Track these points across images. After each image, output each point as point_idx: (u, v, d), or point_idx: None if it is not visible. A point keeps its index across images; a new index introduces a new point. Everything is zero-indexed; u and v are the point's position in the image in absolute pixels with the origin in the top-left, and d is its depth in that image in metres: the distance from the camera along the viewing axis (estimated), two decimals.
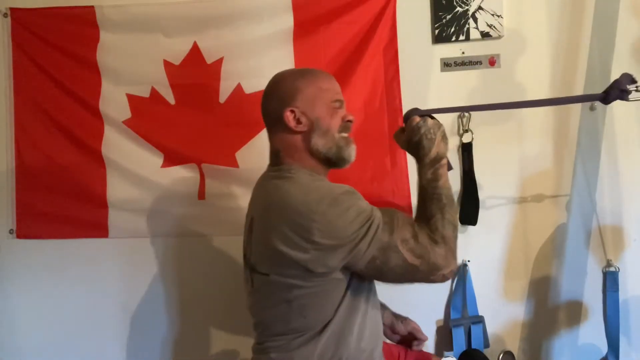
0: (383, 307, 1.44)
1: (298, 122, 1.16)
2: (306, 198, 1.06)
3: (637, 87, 1.02)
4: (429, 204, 1.10)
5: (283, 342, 1.13)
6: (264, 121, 1.24)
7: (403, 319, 1.44)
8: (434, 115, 1.19)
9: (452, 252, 1.07)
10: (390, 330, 1.43)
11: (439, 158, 1.13)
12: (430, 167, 1.12)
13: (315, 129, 1.16)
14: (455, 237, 1.09)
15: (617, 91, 1.03)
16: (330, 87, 1.20)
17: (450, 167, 1.17)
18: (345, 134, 1.20)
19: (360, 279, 1.13)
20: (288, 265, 1.07)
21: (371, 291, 1.19)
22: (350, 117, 1.22)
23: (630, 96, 1.03)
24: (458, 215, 1.11)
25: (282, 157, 1.19)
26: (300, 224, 1.04)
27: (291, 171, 1.15)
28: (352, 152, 1.20)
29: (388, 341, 1.46)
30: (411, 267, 1.05)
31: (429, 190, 1.11)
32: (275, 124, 1.19)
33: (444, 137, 1.16)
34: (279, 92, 1.20)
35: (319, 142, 1.16)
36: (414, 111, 1.19)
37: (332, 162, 1.19)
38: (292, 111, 1.16)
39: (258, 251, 1.15)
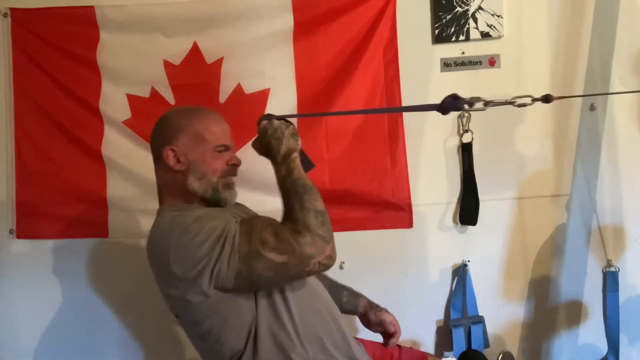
0: (359, 296, 1.43)
1: (178, 161, 1.18)
2: (161, 237, 1.11)
3: (471, 97, 1.03)
4: (287, 197, 1.10)
5: None
6: (152, 155, 1.26)
7: (377, 309, 1.41)
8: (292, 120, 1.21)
9: (320, 237, 1.04)
10: (364, 319, 1.42)
11: (288, 153, 1.14)
12: (282, 164, 1.14)
13: (192, 170, 1.18)
14: (323, 223, 1.06)
15: (450, 99, 1.05)
16: (216, 130, 1.21)
17: (309, 165, 1.19)
18: (228, 179, 1.22)
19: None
20: (177, 304, 1.11)
21: (291, 289, 1.15)
22: (236, 161, 1.24)
23: (467, 106, 1.04)
24: (320, 202, 1.09)
25: (163, 195, 1.23)
26: (161, 264, 1.08)
27: (160, 213, 1.19)
28: (228, 196, 1.22)
29: (374, 339, 1.45)
30: (280, 265, 1.03)
31: (285, 185, 1.12)
32: (157, 160, 1.22)
33: (294, 135, 1.17)
34: (164, 129, 1.22)
35: (195, 184, 1.18)
36: (265, 116, 1.20)
37: (209, 202, 1.20)
38: (173, 150, 1.18)
39: (162, 296, 1.18)
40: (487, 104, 1.04)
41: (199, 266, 1.04)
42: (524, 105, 1.08)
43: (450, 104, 1.06)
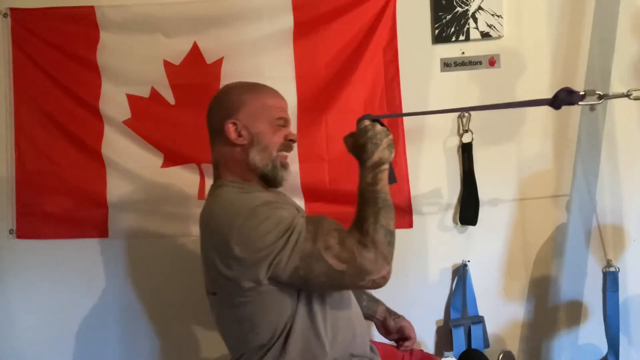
0: (378, 302, 1.44)
1: (239, 135, 1.17)
2: (225, 213, 1.08)
3: (585, 91, 1.01)
4: (365, 207, 1.08)
5: None
6: (208, 132, 1.24)
7: (396, 317, 1.42)
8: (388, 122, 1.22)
9: (383, 257, 1.03)
10: (382, 326, 1.43)
11: (380, 163, 1.12)
12: (370, 171, 1.12)
13: (255, 143, 1.17)
14: (389, 243, 1.05)
15: (564, 93, 1.02)
16: (275, 103, 1.21)
17: (393, 180, 1.17)
18: (285, 153, 1.22)
19: None
20: (223, 282, 1.09)
21: (332, 295, 1.15)
22: (293, 137, 1.23)
23: (580, 101, 1.01)
24: (393, 221, 1.09)
25: (220, 171, 1.21)
26: (221, 240, 1.06)
27: (219, 188, 1.17)
28: (285, 175, 1.21)
29: (386, 341, 1.46)
30: (337, 273, 1.03)
31: (366, 193, 1.10)
32: (216, 135, 1.21)
33: (390, 145, 1.15)
34: (224, 103, 1.21)
35: (257, 157, 1.17)
36: (367, 116, 1.19)
37: (268, 179, 1.19)
38: (234, 123, 1.16)
39: (205, 270, 1.17)
40: (602, 97, 1.01)
41: (261, 253, 1.03)
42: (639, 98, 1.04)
43: (564, 98, 1.01)
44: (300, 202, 1.72)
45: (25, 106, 1.81)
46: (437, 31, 1.71)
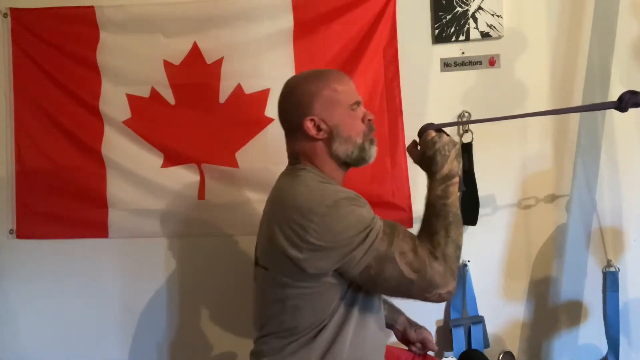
0: (398, 312, 1.44)
1: (318, 129, 1.15)
2: (308, 198, 1.07)
3: None
4: (435, 220, 1.08)
5: (277, 345, 1.13)
6: (282, 126, 1.22)
7: (417, 327, 1.42)
8: (448, 130, 1.19)
9: (451, 271, 1.03)
10: (402, 337, 1.43)
11: (450, 175, 1.12)
12: (441, 184, 1.11)
13: (335, 135, 1.15)
14: (457, 258, 1.06)
15: (629, 95, 1.00)
16: (345, 88, 1.18)
17: (461, 186, 1.16)
18: (371, 135, 1.19)
19: (356, 291, 1.11)
20: (284, 262, 1.07)
21: (369, 306, 1.15)
22: (371, 116, 1.20)
23: None
24: (462, 237, 1.09)
25: (299, 159, 1.19)
26: (298, 222, 1.04)
27: (302, 171, 1.15)
28: (374, 152, 1.19)
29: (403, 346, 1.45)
30: (407, 280, 1.03)
31: (437, 206, 1.09)
32: (295, 131, 1.18)
33: (458, 156, 1.14)
34: (296, 99, 1.18)
35: (340, 149, 1.16)
36: (429, 126, 1.18)
37: (350, 164, 1.19)
38: (312, 120, 1.15)
39: (263, 243, 1.17)
40: None
41: (337, 245, 1.03)
42: None
43: (630, 99, 0.99)
44: None
45: (25, 106, 1.81)
46: (437, 31, 1.71)
